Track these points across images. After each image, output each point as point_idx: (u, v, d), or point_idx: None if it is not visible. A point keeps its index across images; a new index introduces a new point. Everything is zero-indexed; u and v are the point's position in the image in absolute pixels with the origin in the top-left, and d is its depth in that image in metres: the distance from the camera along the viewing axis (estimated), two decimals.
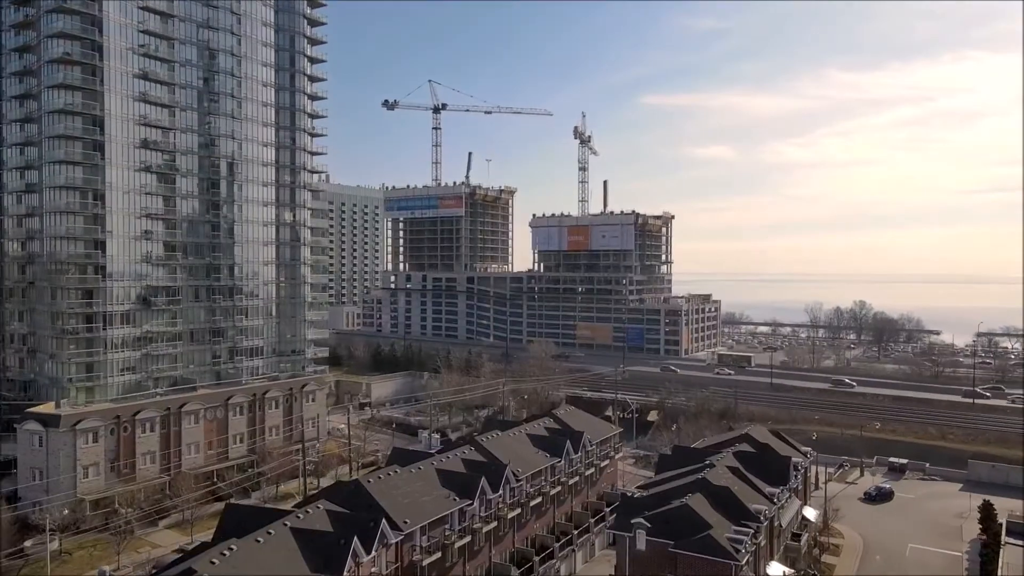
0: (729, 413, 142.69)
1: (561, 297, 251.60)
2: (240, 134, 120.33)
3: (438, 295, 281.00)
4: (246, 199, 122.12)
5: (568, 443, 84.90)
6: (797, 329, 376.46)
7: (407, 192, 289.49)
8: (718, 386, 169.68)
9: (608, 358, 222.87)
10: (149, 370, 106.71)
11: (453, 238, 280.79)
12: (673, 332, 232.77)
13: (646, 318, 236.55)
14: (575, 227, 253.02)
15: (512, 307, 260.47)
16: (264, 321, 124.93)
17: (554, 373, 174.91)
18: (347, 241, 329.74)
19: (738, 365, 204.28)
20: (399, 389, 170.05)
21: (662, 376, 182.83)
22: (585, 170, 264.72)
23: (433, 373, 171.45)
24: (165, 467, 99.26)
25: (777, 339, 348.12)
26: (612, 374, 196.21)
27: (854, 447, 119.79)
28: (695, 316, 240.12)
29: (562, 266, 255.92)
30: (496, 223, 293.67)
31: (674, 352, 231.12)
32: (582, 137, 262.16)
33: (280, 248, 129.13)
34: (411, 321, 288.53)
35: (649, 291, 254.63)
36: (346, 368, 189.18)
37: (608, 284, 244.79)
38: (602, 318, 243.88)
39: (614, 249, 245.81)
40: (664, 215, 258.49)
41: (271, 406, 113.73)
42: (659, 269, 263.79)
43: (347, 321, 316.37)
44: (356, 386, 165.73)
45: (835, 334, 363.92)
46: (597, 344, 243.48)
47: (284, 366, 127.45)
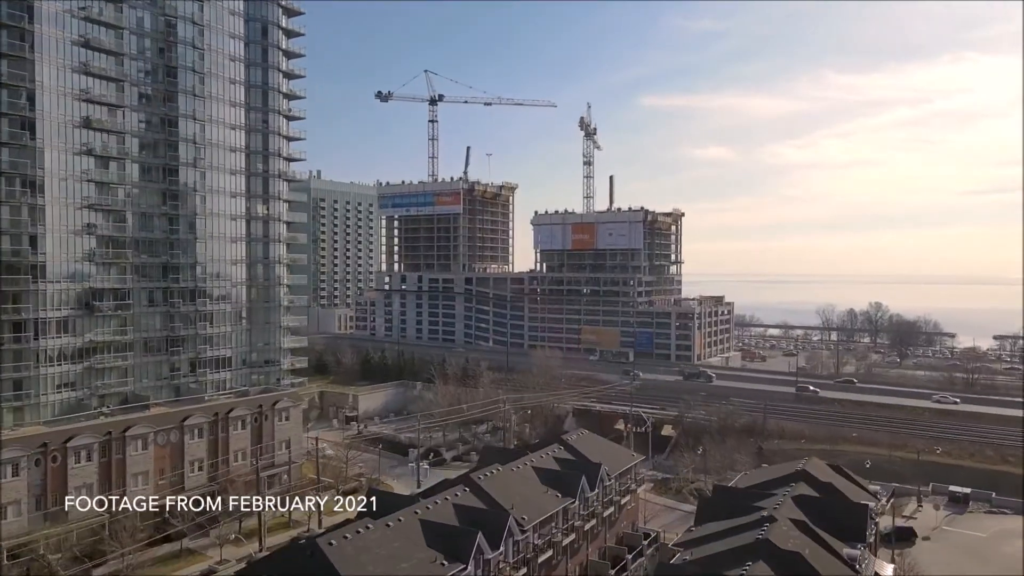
0: (757, 429, 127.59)
1: (565, 299, 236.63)
2: (203, 114, 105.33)
3: (435, 297, 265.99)
4: (211, 189, 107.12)
5: (583, 479, 69.94)
6: (809, 332, 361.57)
7: (402, 188, 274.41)
8: (738, 397, 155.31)
9: (616, 364, 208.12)
10: (92, 386, 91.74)
11: (450, 237, 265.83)
12: (685, 336, 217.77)
13: (656, 321, 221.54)
14: (580, 224, 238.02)
15: (513, 309, 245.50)
16: (232, 328, 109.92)
17: (560, 383, 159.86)
18: (340, 240, 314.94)
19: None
20: (389, 401, 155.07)
21: (688, 386, 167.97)
22: (590, 164, 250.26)
23: (427, 383, 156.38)
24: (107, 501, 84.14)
25: (788, 342, 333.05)
26: (622, 383, 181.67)
27: (903, 472, 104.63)
28: (707, 319, 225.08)
29: (566, 266, 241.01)
30: (496, 221, 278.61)
31: (685, 357, 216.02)
32: (587, 129, 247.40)
33: (251, 245, 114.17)
34: (406, 324, 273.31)
35: (658, 292, 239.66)
36: (333, 377, 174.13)
37: (615, 285, 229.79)
38: (609, 321, 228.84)
39: (621, 248, 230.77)
40: (674, 212, 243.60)
41: (236, 426, 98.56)
42: (668, 269, 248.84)
43: (340, 324, 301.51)
44: (342, 398, 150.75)
45: (849, 337, 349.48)
46: (603, 349, 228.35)
47: (257, 378, 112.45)
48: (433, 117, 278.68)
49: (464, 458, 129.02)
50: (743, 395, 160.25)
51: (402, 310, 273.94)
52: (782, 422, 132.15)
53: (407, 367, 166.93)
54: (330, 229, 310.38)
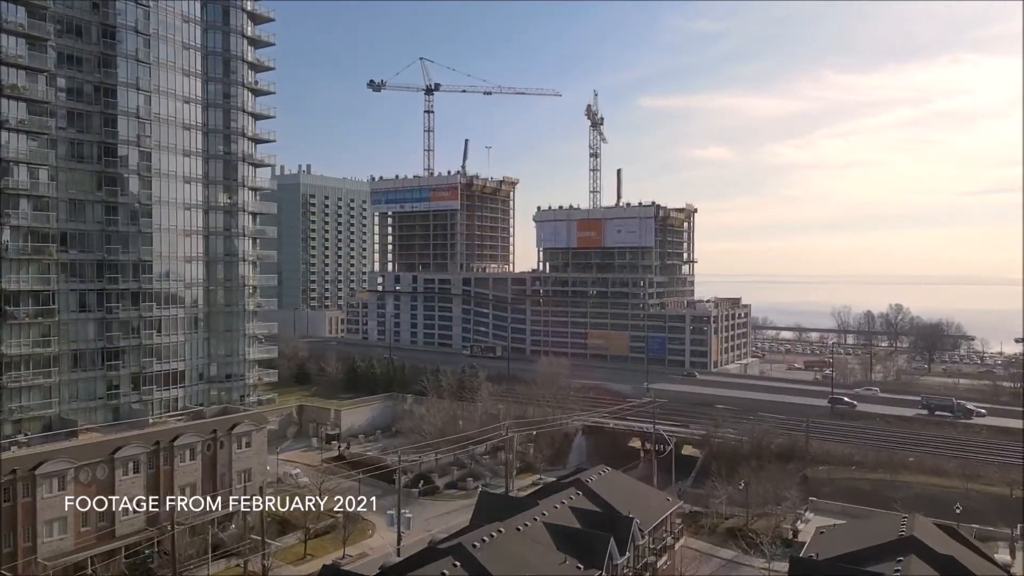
0: (797, 452, 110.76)
1: (570, 301, 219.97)
2: (149, 83, 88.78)
3: (430, 299, 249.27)
4: (159, 172, 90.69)
5: (611, 542, 53.30)
6: (825, 335, 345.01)
7: (395, 183, 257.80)
8: (765, 411, 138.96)
9: (626, 372, 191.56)
10: (6, 410, 75.16)
11: (447, 235, 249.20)
12: (700, 341, 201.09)
13: (669, 325, 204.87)
14: (586, 221, 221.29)
15: (514, 312, 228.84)
16: (186, 337, 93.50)
17: (567, 394, 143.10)
18: (331, 238, 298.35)
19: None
20: (376, 416, 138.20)
21: (710, 398, 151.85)
22: (597, 156, 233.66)
23: (418, 396, 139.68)
24: (10, 556, 67.57)
25: (803, 346, 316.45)
26: (635, 393, 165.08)
27: (983, 509, 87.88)
28: (724, 323, 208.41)
29: (571, 266, 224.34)
30: (495, 218, 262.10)
31: (701, 364, 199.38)
32: (594, 119, 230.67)
33: (211, 240, 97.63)
34: (400, 328, 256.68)
35: (670, 294, 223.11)
36: (316, 387, 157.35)
37: (624, 286, 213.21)
38: (617, 325, 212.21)
39: (630, 246, 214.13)
40: (687, 208, 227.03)
41: (183, 456, 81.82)
42: (680, 269, 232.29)
43: (331, 327, 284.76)
44: (323, 413, 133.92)
45: (867, 340, 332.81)
46: (612, 355, 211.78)
47: (217, 395, 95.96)
48: (429, 107, 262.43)
49: (460, 485, 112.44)
50: (770, 408, 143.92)
51: (396, 312, 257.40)
52: (824, 443, 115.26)
53: (397, 377, 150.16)
54: (321, 227, 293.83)
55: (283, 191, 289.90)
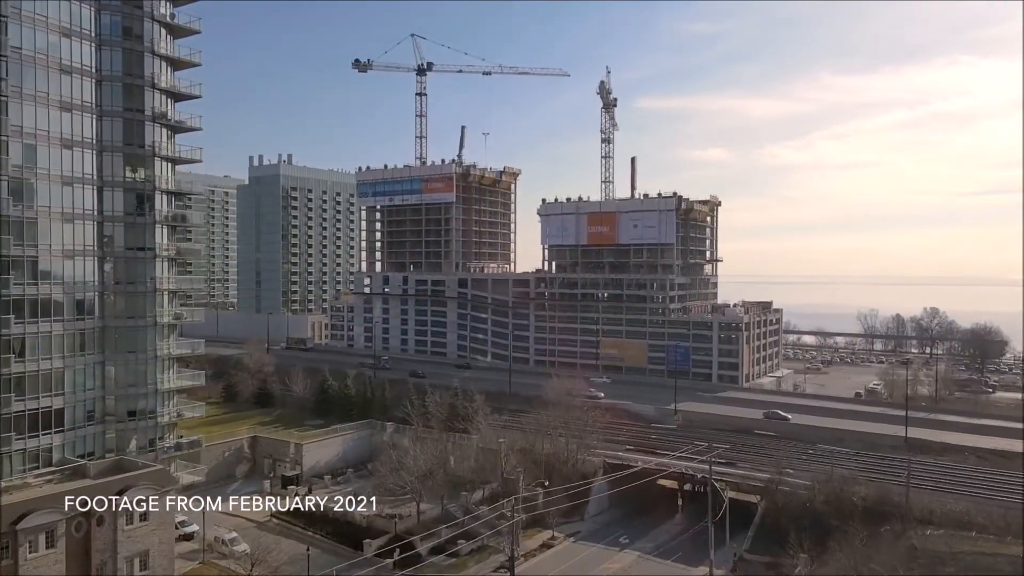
0: (890, 506, 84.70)
1: (579, 305, 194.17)
2: (6, 6, 62.83)
3: (423, 302, 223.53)
4: (22, 131, 64.61)
5: None
6: (851, 340, 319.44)
7: (384, 173, 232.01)
8: (825, 442, 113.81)
9: (645, 388, 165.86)
10: None
11: (441, 231, 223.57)
12: (730, 352, 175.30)
13: (693, 333, 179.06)
14: (598, 214, 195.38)
15: (516, 317, 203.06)
16: (68, 362, 67.42)
17: (581, 419, 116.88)
18: (315, 235, 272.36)
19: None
20: (349, 450, 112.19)
21: (754, 424, 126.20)
22: (609, 142, 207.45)
23: (401, 424, 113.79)
24: None
25: (828, 352, 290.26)
26: (659, 416, 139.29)
27: None
28: (755, 330, 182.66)
29: (580, 265, 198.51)
30: (495, 212, 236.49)
31: (731, 378, 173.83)
32: (607, 99, 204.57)
33: (107, 227, 71.65)
34: (389, 335, 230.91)
35: (693, 297, 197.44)
36: (279, 411, 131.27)
37: (642, 288, 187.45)
38: (634, 332, 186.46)
39: (649, 243, 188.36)
40: (711, 200, 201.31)
41: (37, 545, 55.79)
42: (703, 269, 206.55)
43: (314, 333, 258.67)
44: (282, 447, 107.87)
45: (898, 346, 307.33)
46: (628, 367, 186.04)
47: (115, 439, 70.10)
48: (421, 90, 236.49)
49: (448, 547, 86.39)
50: (828, 438, 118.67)
51: (385, 317, 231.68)
52: (919, 491, 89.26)
53: (376, 399, 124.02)
54: (303, 222, 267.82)
55: (261, 184, 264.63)
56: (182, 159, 77.81)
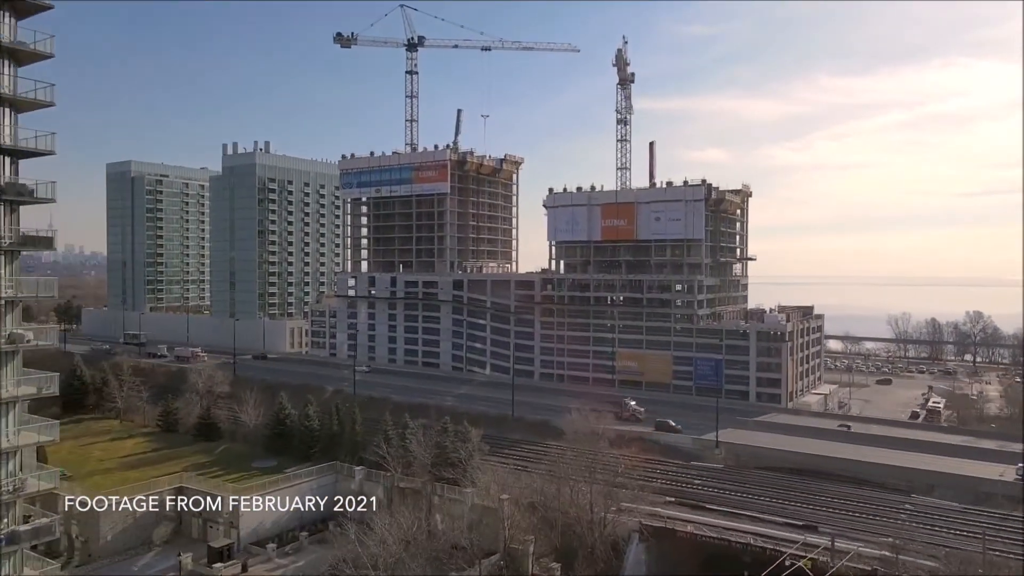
0: None
1: (592, 311, 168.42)
2: None
3: (413, 306, 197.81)
4: None
5: None
6: (885, 345, 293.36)
7: (371, 161, 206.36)
8: None
9: (670, 408, 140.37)
10: None
11: (434, 225, 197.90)
12: (770, 366, 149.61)
13: (726, 344, 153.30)
14: (614, 206, 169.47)
15: (518, 324, 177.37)
16: None
17: (607, 460, 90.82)
18: (296, 232, 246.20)
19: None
20: (304, 504, 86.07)
21: (822, 463, 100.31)
22: (626, 124, 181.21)
23: (374, 469, 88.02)
24: None
25: (860, 360, 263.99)
26: (695, 449, 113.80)
27: None
28: (798, 340, 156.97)
29: (593, 264, 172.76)
30: (495, 205, 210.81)
31: (771, 397, 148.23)
32: (623, 73, 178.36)
33: None
34: (375, 343, 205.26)
35: (723, 301, 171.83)
36: (225, 446, 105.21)
37: (665, 291, 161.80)
38: (656, 342, 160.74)
39: (673, 238, 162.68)
40: (743, 189, 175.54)
41: None
42: (732, 269, 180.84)
43: (292, 340, 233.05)
44: (215, 502, 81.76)
45: (936, 354, 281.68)
46: (648, 382, 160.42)
47: None
48: (412, 67, 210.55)
49: None
50: (919, 483, 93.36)
51: (371, 323, 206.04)
52: None
53: (346, 432, 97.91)
54: (283, 217, 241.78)
55: (235, 174, 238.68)
56: (34, 102, 51.66)
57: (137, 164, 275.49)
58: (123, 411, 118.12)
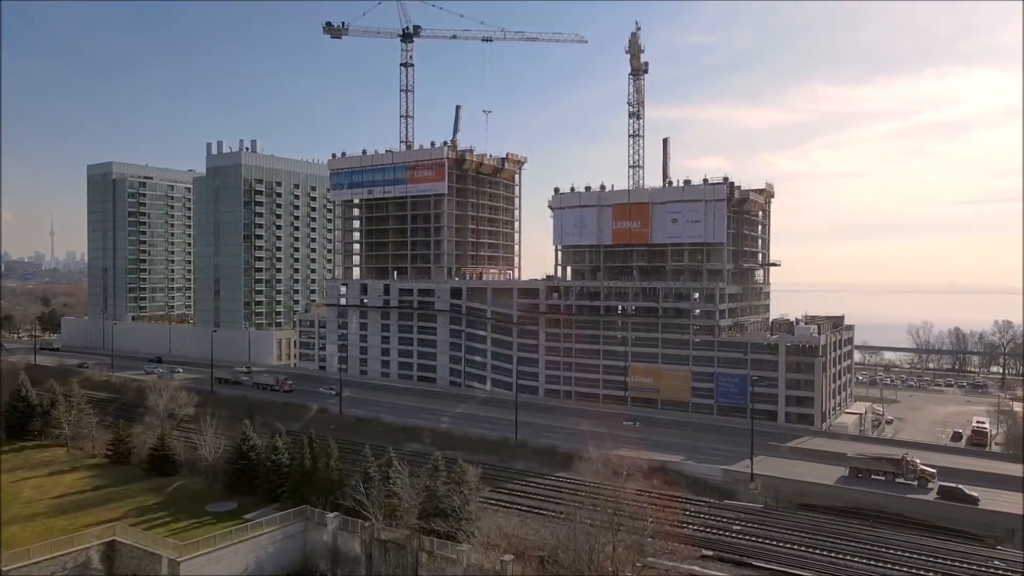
0: None
1: (602, 321, 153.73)
2: None
3: (407, 315, 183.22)
4: None
5: None
6: (903, 356, 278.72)
7: (363, 160, 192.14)
8: None
9: (690, 431, 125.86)
10: None
11: (431, 228, 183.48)
12: (801, 383, 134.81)
13: (751, 358, 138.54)
14: (626, 207, 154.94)
15: (522, 336, 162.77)
16: None
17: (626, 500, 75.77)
18: (285, 236, 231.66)
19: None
20: (266, 560, 71.28)
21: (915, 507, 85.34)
22: (638, 118, 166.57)
23: (352, 519, 73.09)
24: None
25: (881, 372, 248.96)
26: (725, 481, 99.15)
27: None
28: (831, 354, 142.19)
29: (603, 270, 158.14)
30: (496, 207, 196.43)
31: (802, 417, 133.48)
32: (636, 61, 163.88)
33: None
34: (367, 355, 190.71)
35: (745, 311, 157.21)
36: (179, 483, 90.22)
37: (683, 300, 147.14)
38: (673, 356, 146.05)
39: (691, 242, 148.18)
40: (767, 189, 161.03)
41: None
42: (754, 276, 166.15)
43: (280, 352, 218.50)
44: (153, 560, 67.04)
45: (960, 365, 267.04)
46: (664, 400, 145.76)
47: None
48: (407, 59, 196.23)
49: None
50: (1012, 524, 78.60)
51: (362, 333, 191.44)
52: None
53: (320, 469, 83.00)
54: (271, 221, 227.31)
55: (220, 175, 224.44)
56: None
57: (119, 165, 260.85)
58: (71, 438, 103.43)
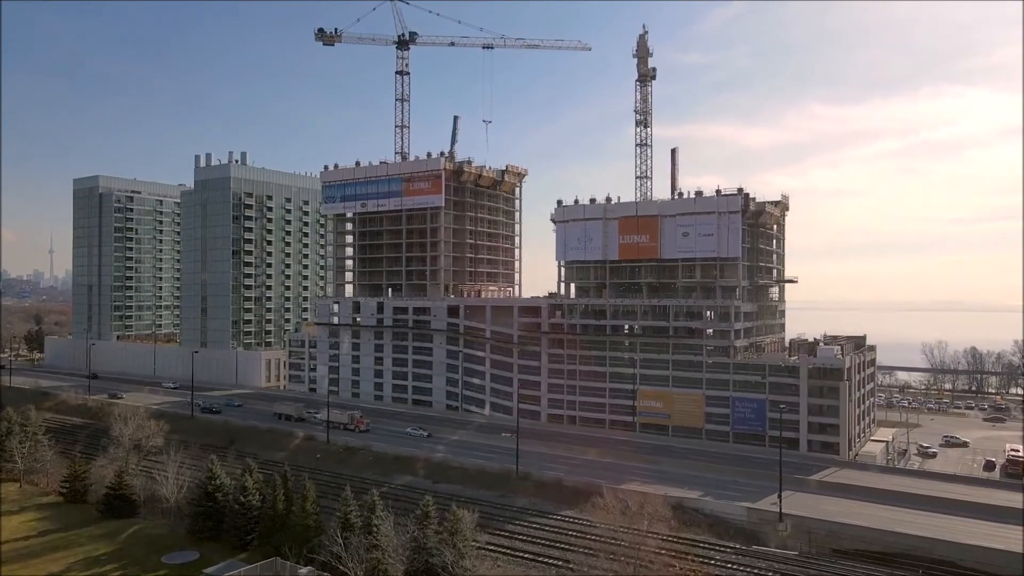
0: None
1: (609, 341, 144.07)
2: None
3: (402, 335, 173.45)
4: None
5: None
6: (910, 376, 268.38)
7: (356, 172, 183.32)
8: None
9: (703, 461, 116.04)
10: None
11: (427, 243, 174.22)
12: (824, 409, 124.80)
13: (770, 381, 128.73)
14: (634, 219, 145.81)
15: (523, 357, 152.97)
16: None
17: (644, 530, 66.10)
18: (276, 252, 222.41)
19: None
20: None
21: None
22: (646, 126, 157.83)
23: (325, 569, 63.01)
24: None
25: (898, 393, 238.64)
26: (749, 521, 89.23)
27: None
28: (855, 377, 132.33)
29: (609, 288, 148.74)
30: (496, 221, 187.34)
31: (827, 446, 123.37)
32: (644, 67, 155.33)
33: None
34: (359, 377, 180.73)
35: (761, 330, 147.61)
36: (138, 527, 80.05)
37: (694, 318, 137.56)
38: (685, 379, 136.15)
39: (704, 256, 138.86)
40: (783, 200, 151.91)
41: None
42: (769, 293, 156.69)
43: (268, 374, 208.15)
44: None
45: (978, 386, 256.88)
46: (676, 426, 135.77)
47: None
48: (402, 67, 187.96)
49: None
50: None
51: (354, 354, 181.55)
52: None
53: (294, 513, 72.97)
54: (260, 236, 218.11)
55: (208, 188, 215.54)
56: None
57: (106, 179, 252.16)
58: (24, 473, 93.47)
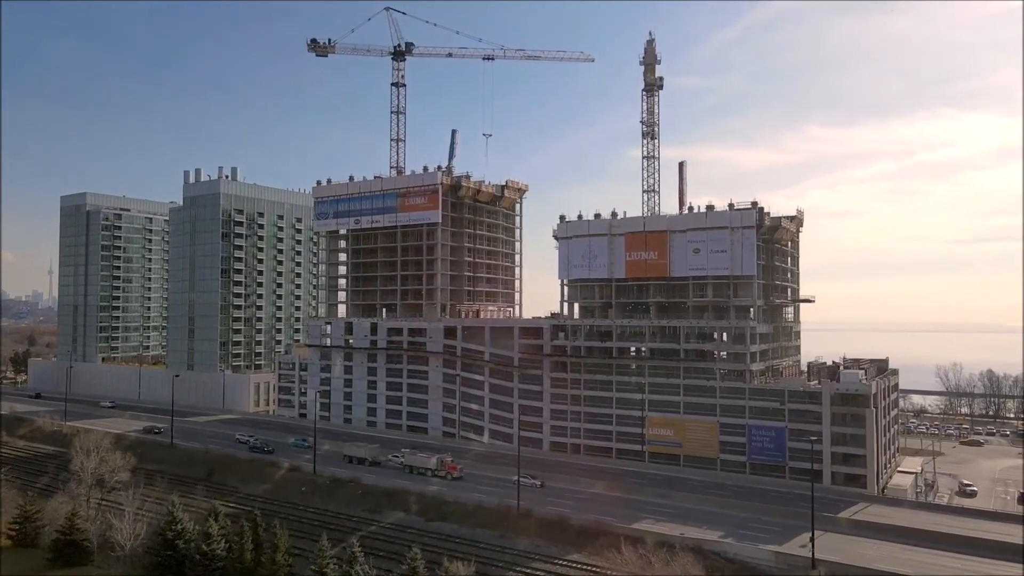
0: None
1: (615, 365, 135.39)
2: None
3: (396, 357, 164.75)
4: None
5: None
6: (925, 400, 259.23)
7: (350, 187, 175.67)
8: None
9: (718, 497, 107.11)
10: None
11: (423, 262, 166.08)
12: (848, 438, 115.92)
13: (789, 408, 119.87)
14: (641, 235, 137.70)
15: (524, 381, 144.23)
16: None
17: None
18: (268, 270, 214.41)
19: None
20: None
21: None
22: (654, 138, 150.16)
23: None
24: None
25: (915, 419, 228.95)
26: (777, 568, 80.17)
27: None
28: (880, 404, 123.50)
29: (615, 308, 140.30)
30: (495, 239, 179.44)
31: (852, 479, 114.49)
32: (650, 76, 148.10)
33: None
34: (352, 401, 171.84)
35: (777, 353, 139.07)
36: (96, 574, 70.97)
37: (706, 340, 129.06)
38: (697, 405, 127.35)
39: (717, 274, 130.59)
40: (798, 215, 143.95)
41: None
42: (784, 313, 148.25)
43: (258, 398, 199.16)
44: None
45: (996, 411, 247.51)
46: (688, 456, 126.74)
47: None
48: (398, 79, 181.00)
49: None
50: None
51: (347, 377, 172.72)
52: None
53: (264, 564, 63.85)
54: (251, 254, 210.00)
55: (196, 205, 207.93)
56: None
57: (93, 196, 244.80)
58: None
